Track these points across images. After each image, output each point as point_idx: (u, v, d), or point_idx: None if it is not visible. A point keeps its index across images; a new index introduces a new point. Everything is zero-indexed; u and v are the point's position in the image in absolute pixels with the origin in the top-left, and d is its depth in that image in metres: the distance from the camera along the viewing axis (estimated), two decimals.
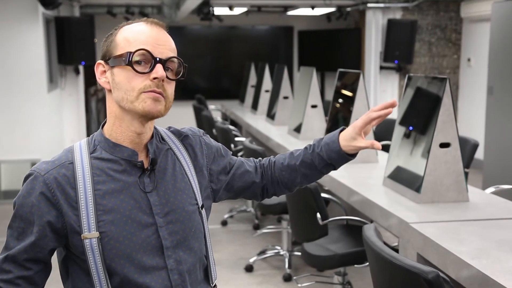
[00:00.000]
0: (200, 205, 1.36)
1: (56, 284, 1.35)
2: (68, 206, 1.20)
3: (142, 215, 1.25)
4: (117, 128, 1.27)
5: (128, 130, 1.26)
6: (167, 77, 1.24)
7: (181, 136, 1.41)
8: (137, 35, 1.25)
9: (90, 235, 1.19)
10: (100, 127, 1.31)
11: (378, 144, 1.44)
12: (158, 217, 1.26)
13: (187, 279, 1.28)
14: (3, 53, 5.57)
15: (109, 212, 1.22)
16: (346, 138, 1.45)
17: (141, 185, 1.26)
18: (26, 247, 1.20)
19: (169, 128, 1.42)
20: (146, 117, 1.24)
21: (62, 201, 1.20)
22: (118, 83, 1.24)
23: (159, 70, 1.22)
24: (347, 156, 1.46)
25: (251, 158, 1.56)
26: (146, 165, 1.28)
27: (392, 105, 1.44)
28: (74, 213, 1.20)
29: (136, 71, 1.22)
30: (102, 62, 1.28)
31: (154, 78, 1.22)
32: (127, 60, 1.22)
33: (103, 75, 1.28)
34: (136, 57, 1.22)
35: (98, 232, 1.20)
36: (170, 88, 1.26)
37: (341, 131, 1.47)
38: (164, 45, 1.25)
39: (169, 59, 1.25)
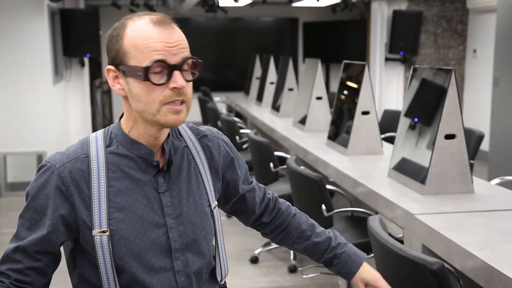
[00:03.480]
0: (213, 206, 1.34)
1: (63, 274, 1.36)
2: (81, 201, 1.19)
3: (153, 215, 1.23)
4: (136, 131, 1.24)
5: (146, 134, 1.23)
6: (186, 80, 1.18)
7: (199, 134, 1.37)
8: (147, 41, 1.15)
9: (100, 232, 1.18)
10: (118, 120, 1.27)
11: None
12: (169, 218, 1.24)
13: (194, 281, 1.28)
14: (9, 46, 5.58)
15: (121, 210, 1.20)
16: (363, 278, 1.46)
17: (155, 185, 1.24)
18: (37, 240, 1.19)
19: (186, 124, 1.38)
20: (169, 128, 1.23)
21: (76, 195, 1.18)
22: (137, 95, 1.18)
23: (178, 79, 1.16)
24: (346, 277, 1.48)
25: (262, 187, 1.53)
26: (161, 164, 1.26)
27: None
28: (86, 208, 1.19)
29: (154, 84, 1.16)
30: (112, 68, 1.22)
31: (174, 87, 1.16)
32: (143, 76, 1.15)
33: (116, 81, 1.22)
34: (152, 70, 1.16)
35: (108, 230, 1.18)
36: (190, 88, 1.21)
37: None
38: (176, 45, 1.17)
39: (185, 61, 1.18)
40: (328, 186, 2.79)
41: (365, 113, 3.38)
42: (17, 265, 1.18)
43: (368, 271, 1.46)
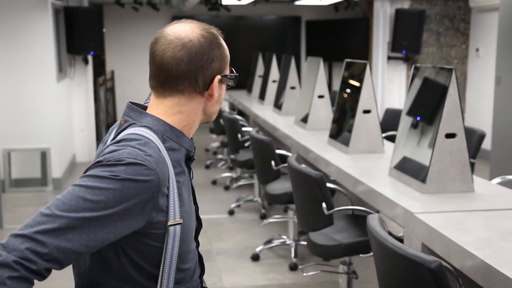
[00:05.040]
0: None
1: (66, 270, 1.37)
2: (163, 198, 1.19)
3: (192, 204, 1.31)
4: (191, 129, 1.31)
5: (194, 129, 1.33)
6: None
7: None
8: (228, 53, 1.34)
9: (175, 222, 1.21)
10: (154, 117, 1.26)
11: None
12: (196, 202, 1.36)
13: None
14: (13, 43, 5.61)
15: (184, 203, 1.25)
16: None
17: (189, 174, 1.32)
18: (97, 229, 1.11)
19: None
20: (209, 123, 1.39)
21: (161, 194, 1.18)
22: (221, 98, 1.34)
23: None
24: None
25: None
26: None
27: None
28: (165, 204, 1.19)
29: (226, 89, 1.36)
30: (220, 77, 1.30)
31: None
32: (235, 82, 1.33)
33: None
34: None
35: (181, 219, 1.22)
36: None
37: None
38: None
39: None
40: (329, 185, 2.80)
41: (367, 111, 3.39)
42: (66, 244, 1.08)
43: None
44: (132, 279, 1.22)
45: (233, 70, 1.35)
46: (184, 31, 1.25)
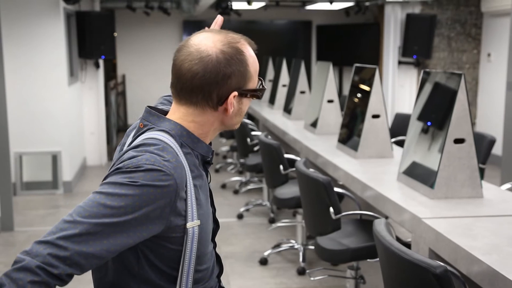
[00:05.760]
0: None
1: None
2: (180, 202, 1.20)
3: (209, 207, 1.32)
4: (208, 137, 1.31)
5: (212, 137, 1.33)
6: None
7: None
8: (257, 66, 1.29)
9: (193, 223, 1.22)
10: (172, 122, 1.28)
11: None
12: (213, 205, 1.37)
13: None
14: (25, 47, 5.67)
15: (201, 206, 1.26)
16: None
17: (207, 177, 1.33)
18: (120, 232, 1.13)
19: None
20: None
21: (179, 198, 1.20)
22: (242, 111, 1.31)
23: None
24: None
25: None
26: None
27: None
28: (183, 208, 1.21)
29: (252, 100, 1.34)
30: (237, 93, 1.26)
31: None
32: (260, 96, 1.30)
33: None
34: None
35: (199, 220, 1.23)
36: None
37: None
38: None
39: None
40: (337, 189, 2.80)
41: (376, 116, 3.39)
42: (87, 249, 1.10)
43: None
44: (152, 282, 1.25)
45: (262, 82, 1.31)
46: (206, 44, 1.23)
